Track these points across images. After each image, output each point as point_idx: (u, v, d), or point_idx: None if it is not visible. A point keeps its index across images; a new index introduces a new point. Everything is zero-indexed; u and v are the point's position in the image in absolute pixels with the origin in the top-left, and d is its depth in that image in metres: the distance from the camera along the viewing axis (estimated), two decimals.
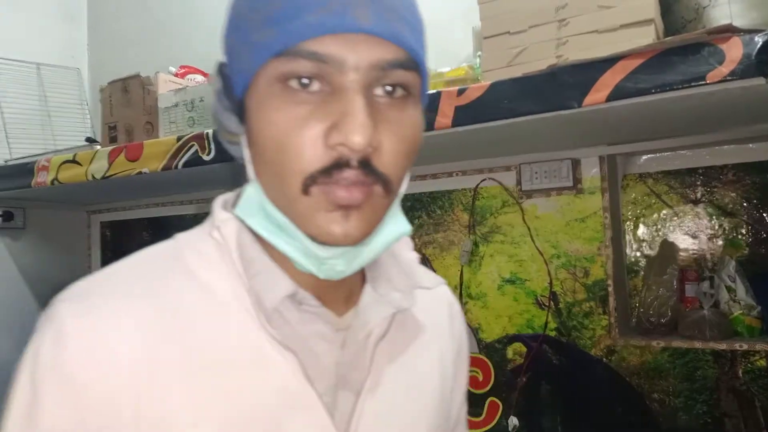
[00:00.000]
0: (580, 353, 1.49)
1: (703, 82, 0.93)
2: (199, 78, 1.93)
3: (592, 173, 1.51)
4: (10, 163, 2.02)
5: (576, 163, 1.53)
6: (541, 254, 1.56)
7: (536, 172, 1.57)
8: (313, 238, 0.52)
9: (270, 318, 0.55)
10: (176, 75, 1.89)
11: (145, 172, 1.64)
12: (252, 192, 0.56)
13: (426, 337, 0.65)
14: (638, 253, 1.53)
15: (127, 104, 1.85)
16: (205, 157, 1.54)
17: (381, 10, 0.50)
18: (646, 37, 1.06)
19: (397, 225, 0.58)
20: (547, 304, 1.55)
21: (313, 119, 0.50)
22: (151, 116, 1.79)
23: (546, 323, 1.55)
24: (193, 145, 1.56)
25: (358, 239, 0.52)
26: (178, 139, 1.59)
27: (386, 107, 0.52)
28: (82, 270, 2.44)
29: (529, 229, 1.57)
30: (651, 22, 1.06)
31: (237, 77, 0.54)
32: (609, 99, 1.02)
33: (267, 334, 0.54)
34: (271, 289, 0.55)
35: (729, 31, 0.90)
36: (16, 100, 2.13)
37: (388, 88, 0.52)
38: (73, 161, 1.79)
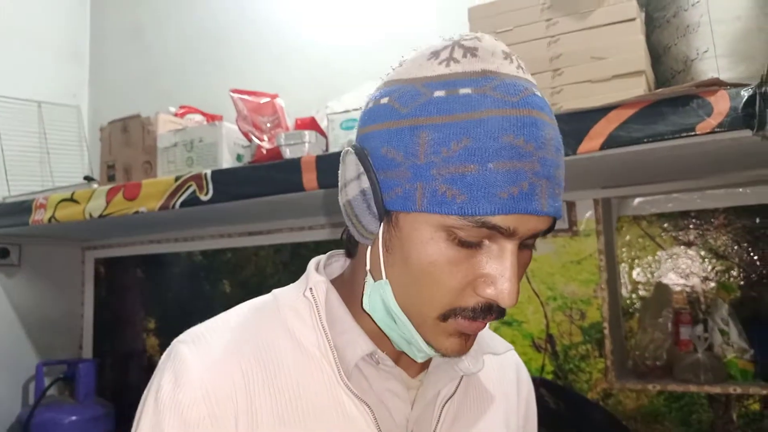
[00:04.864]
0: (577, 397, 1.49)
1: (693, 133, 0.96)
2: (198, 117, 1.96)
3: (587, 216, 1.53)
4: (8, 200, 2.02)
5: (571, 206, 1.55)
6: (538, 296, 1.57)
7: None
8: (431, 347, 0.60)
9: (349, 373, 0.62)
10: (176, 115, 1.92)
11: (142, 211, 1.65)
12: (375, 288, 0.61)
13: (492, 401, 0.72)
14: (633, 295, 1.55)
15: (126, 144, 1.87)
16: (203, 197, 1.55)
17: (554, 189, 0.56)
18: (638, 87, 1.09)
19: None
20: (544, 346, 1.55)
21: (469, 266, 0.56)
22: (150, 156, 1.80)
23: (543, 366, 1.55)
24: (191, 185, 1.57)
25: (467, 352, 0.61)
26: (177, 179, 1.60)
27: (520, 251, 0.58)
28: (75, 306, 2.42)
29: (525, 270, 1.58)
30: (642, 73, 1.09)
31: (396, 197, 0.57)
32: (603, 147, 1.05)
33: (346, 388, 0.61)
34: (352, 348, 0.62)
35: (716, 84, 0.94)
36: (17, 138, 2.14)
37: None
38: (71, 199, 1.79)
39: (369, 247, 0.62)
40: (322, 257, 0.72)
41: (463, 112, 0.54)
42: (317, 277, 0.66)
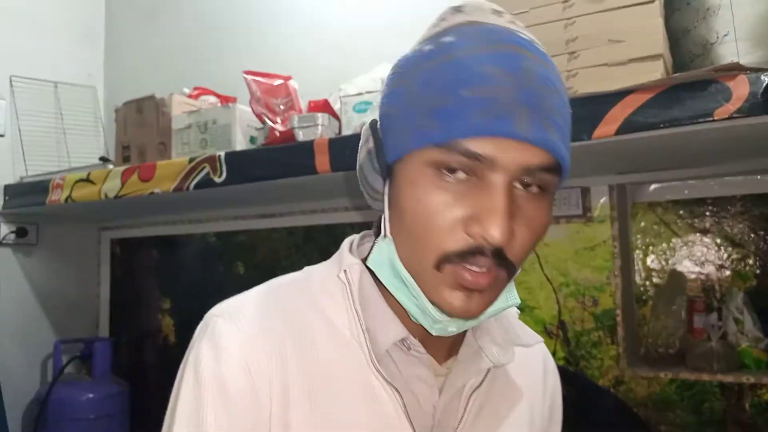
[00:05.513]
0: (588, 383, 1.49)
1: (710, 119, 0.94)
2: (212, 99, 1.96)
3: (601, 202, 1.51)
4: (25, 180, 2.05)
5: (585, 192, 1.53)
6: (550, 282, 1.56)
7: None
8: (436, 305, 0.58)
9: (380, 357, 0.61)
10: (190, 96, 1.92)
11: (157, 193, 1.66)
12: (384, 248, 0.62)
13: (518, 393, 0.70)
14: (647, 282, 1.54)
15: (141, 125, 1.88)
16: (217, 179, 1.56)
17: (538, 118, 0.53)
18: (655, 71, 1.07)
19: (508, 297, 0.62)
20: (555, 332, 1.55)
21: (458, 206, 0.55)
22: (164, 137, 1.81)
23: (554, 352, 1.54)
24: (204, 167, 1.58)
25: (476, 316, 0.58)
26: (191, 160, 1.61)
27: (522, 200, 0.56)
28: (92, 285, 2.46)
29: (537, 256, 1.58)
30: (660, 57, 1.07)
31: (392, 147, 0.59)
32: (618, 132, 1.03)
33: (375, 371, 0.60)
34: (385, 332, 0.62)
35: (736, 69, 0.92)
36: (33, 118, 2.16)
37: (527, 183, 0.56)
38: (87, 180, 1.81)
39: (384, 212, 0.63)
40: (355, 237, 0.71)
41: (444, 55, 0.56)
42: (351, 259, 0.66)
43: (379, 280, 0.64)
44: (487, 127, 0.52)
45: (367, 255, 0.67)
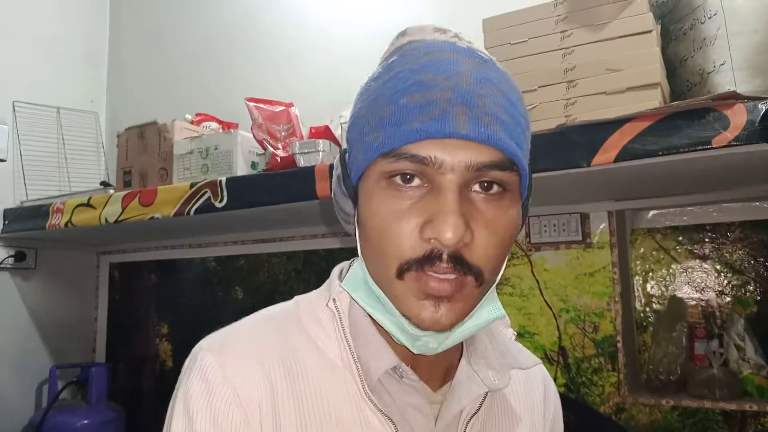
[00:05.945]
0: (589, 410, 1.48)
1: (708, 147, 0.95)
2: (214, 125, 1.97)
3: (600, 228, 1.52)
4: (26, 204, 2.05)
5: (585, 218, 1.54)
6: (550, 308, 1.56)
7: (545, 225, 1.58)
8: (407, 319, 0.57)
9: (373, 386, 0.60)
10: (192, 122, 1.93)
11: (157, 218, 1.66)
12: (357, 268, 0.63)
13: (517, 418, 0.69)
14: (647, 309, 1.53)
15: (142, 150, 1.89)
16: (218, 204, 1.56)
17: (478, 116, 0.54)
18: (653, 99, 1.09)
19: (490, 310, 0.62)
20: (556, 359, 1.54)
21: (412, 213, 0.55)
22: (166, 162, 1.82)
23: (555, 378, 1.53)
24: (206, 192, 1.59)
25: (447, 327, 0.56)
26: (192, 185, 1.61)
27: (482, 202, 0.56)
28: (89, 310, 2.44)
29: (537, 282, 1.58)
30: (657, 85, 1.09)
31: (353, 168, 0.61)
32: (617, 159, 1.04)
33: (369, 401, 0.60)
34: (376, 361, 0.61)
35: (733, 98, 0.93)
36: (35, 143, 2.17)
37: (485, 184, 0.56)
38: (88, 204, 1.82)
39: None
40: (345, 264, 0.70)
41: (388, 73, 0.59)
42: (340, 287, 0.65)
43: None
44: (426, 130, 0.53)
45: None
